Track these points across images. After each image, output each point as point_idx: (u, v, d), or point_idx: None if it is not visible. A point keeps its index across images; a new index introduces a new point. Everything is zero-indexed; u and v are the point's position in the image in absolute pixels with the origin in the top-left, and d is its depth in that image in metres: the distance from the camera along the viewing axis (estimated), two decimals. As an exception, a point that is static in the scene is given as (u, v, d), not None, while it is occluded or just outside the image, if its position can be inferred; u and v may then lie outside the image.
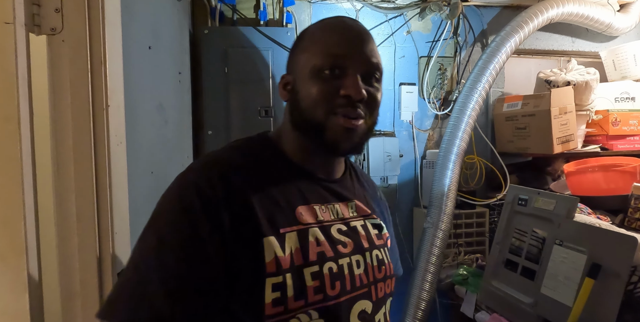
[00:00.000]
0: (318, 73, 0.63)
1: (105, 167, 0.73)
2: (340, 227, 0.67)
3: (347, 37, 0.64)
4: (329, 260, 0.62)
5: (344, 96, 0.62)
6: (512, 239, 1.35)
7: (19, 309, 0.62)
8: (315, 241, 0.62)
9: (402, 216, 2.09)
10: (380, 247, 0.72)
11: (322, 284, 0.60)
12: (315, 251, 0.61)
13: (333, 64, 0.62)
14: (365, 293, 0.66)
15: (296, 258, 0.59)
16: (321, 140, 0.63)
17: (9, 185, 0.61)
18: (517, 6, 2.12)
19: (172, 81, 1.34)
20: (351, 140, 0.64)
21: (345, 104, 0.62)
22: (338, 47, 0.63)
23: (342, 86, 0.62)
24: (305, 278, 0.59)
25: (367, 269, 0.67)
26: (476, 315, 1.46)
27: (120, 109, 0.79)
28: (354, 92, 0.61)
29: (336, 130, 0.63)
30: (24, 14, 0.63)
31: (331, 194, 0.70)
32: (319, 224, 0.64)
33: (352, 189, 0.75)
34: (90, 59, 0.71)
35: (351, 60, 0.63)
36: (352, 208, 0.72)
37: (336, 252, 0.64)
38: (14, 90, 0.61)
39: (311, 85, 0.63)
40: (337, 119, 0.62)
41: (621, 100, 2.05)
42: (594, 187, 1.68)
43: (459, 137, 1.76)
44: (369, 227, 0.73)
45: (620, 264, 1.04)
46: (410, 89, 2.03)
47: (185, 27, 1.60)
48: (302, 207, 0.64)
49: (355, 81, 0.62)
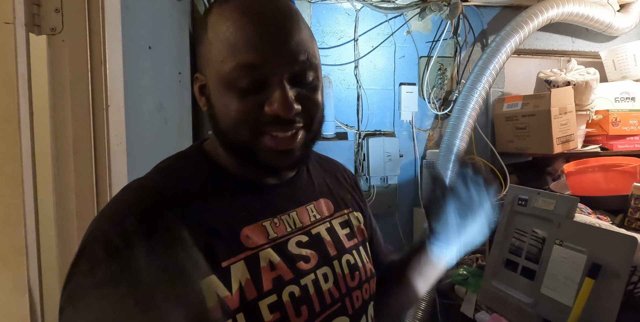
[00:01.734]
0: (232, 84, 0.49)
1: (105, 167, 0.73)
2: (300, 238, 0.58)
3: (261, 30, 0.48)
4: (288, 283, 0.53)
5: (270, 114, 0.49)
6: (512, 239, 1.35)
7: (19, 309, 0.62)
8: (268, 265, 0.52)
9: (402, 216, 2.09)
10: (352, 250, 0.64)
11: (283, 315, 0.51)
12: (269, 277, 0.52)
13: (250, 77, 0.48)
14: (339, 309, 0.57)
15: (248, 292, 0.49)
16: (253, 163, 0.53)
17: (9, 185, 0.61)
18: (517, 6, 2.12)
19: (172, 81, 1.34)
20: (290, 159, 0.53)
21: (273, 121, 0.49)
22: (251, 52, 0.48)
23: (267, 102, 0.49)
24: (262, 313, 0.50)
25: (338, 280, 0.58)
26: (476, 315, 1.46)
27: (120, 109, 0.79)
28: (283, 110, 0.48)
29: (268, 154, 0.51)
30: (24, 14, 0.63)
31: (285, 200, 0.60)
32: (272, 242, 0.54)
33: (311, 186, 0.65)
34: (90, 59, 0.71)
35: (272, 66, 0.48)
36: (312, 211, 0.62)
37: (296, 271, 0.54)
38: (14, 91, 0.61)
39: (226, 100, 0.50)
40: (266, 140, 0.51)
41: (621, 100, 2.05)
42: (594, 187, 1.68)
43: (459, 137, 1.76)
44: (337, 229, 0.64)
45: (620, 264, 1.04)
46: (410, 89, 2.03)
47: (185, 27, 1.60)
48: (248, 228, 0.53)
49: (282, 94, 0.48)
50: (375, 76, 2.05)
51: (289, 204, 0.60)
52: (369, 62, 2.03)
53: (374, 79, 2.04)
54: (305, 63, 0.50)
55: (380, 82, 2.05)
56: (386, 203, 2.05)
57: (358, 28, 2.01)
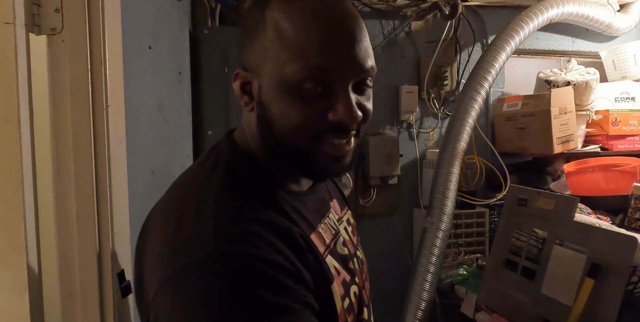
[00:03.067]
0: (295, 88, 0.47)
1: (105, 167, 0.73)
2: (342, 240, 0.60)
3: (333, 35, 0.46)
4: (351, 284, 0.55)
5: (333, 121, 0.48)
6: (512, 239, 1.35)
7: (19, 309, 0.62)
8: (335, 271, 0.53)
9: (402, 216, 2.09)
10: (358, 246, 0.66)
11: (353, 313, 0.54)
12: (339, 282, 0.52)
13: (317, 80, 0.46)
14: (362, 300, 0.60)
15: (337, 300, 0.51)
16: (308, 169, 0.52)
17: (9, 185, 0.61)
18: (517, 6, 2.11)
19: (172, 81, 1.34)
20: (342, 166, 0.52)
21: (335, 129, 0.49)
22: (322, 56, 0.46)
23: (331, 108, 0.47)
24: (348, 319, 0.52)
25: (356, 275, 0.60)
26: (476, 315, 1.46)
27: (120, 109, 0.79)
28: (349, 118, 0.47)
29: (325, 160, 0.51)
30: (24, 14, 0.63)
31: (320, 205, 0.60)
32: (328, 248, 0.55)
33: (326, 188, 0.67)
34: (90, 59, 0.71)
35: (341, 72, 0.47)
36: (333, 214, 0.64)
37: (350, 272, 0.56)
38: (14, 90, 0.61)
39: (287, 104, 0.48)
40: (325, 146, 0.50)
41: (621, 100, 2.04)
42: (594, 187, 1.68)
43: (459, 137, 1.76)
44: (347, 227, 0.66)
45: (620, 264, 1.04)
46: (410, 89, 2.03)
47: (185, 27, 1.60)
48: (313, 236, 0.53)
49: (348, 103, 0.47)
50: (376, 76, 2.03)
51: (323, 208, 0.61)
52: (369, 62, 2.02)
53: (374, 79, 2.03)
54: (369, 72, 0.51)
55: (380, 82, 2.05)
56: (386, 203, 2.05)
57: (358, 28, 2.00)
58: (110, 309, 0.71)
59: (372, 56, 0.51)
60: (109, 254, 0.73)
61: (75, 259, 0.71)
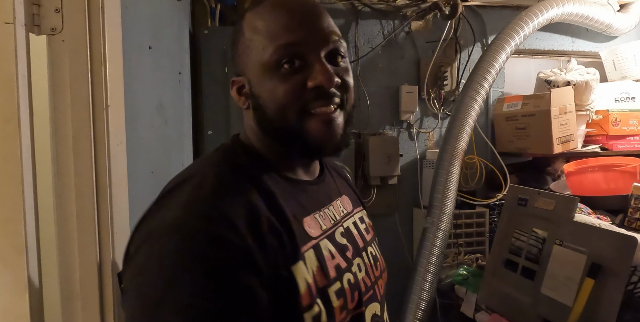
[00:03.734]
0: (275, 69, 0.53)
1: (105, 167, 0.73)
2: (341, 230, 0.62)
3: (295, 16, 0.54)
4: (345, 271, 0.57)
5: (313, 88, 0.53)
6: (512, 239, 1.35)
7: (19, 309, 0.62)
8: (329, 254, 0.56)
9: (402, 216, 2.09)
10: (371, 242, 0.69)
11: (345, 300, 0.54)
12: (332, 265, 0.55)
13: (290, 55, 0.53)
14: (372, 296, 0.62)
15: (319, 279, 0.52)
16: (302, 145, 0.56)
17: (9, 185, 0.61)
18: (517, 6, 2.12)
19: (172, 81, 1.34)
20: (334, 136, 0.56)
21: (317, 96, 0.53)
22: (289, 33, 0.53)
23: (309, 77, 0.53)
24: (331, 299, 0.52)
25: (367, 270, 0.63)
26: (476, 315, 1.46)
27: (120, 109, 0.79)
28: (326, 80, 0.52)
29: (316, 131, 0.54)
30: (24, 14, 0.63)
31: (322, 195, 0.64)
32: (325, 233, 0.58)
33: (335, 185, 0.70)
34: (90, 59, 0.71)
35: (309, 44, 0.53)
36: (340, 206, 0.67)
37: (347, 260, 0.58)
38: (14, 90, 0.61)
39: (272, 85, 0.54)
40: (313, 118, 0.54)
41: (621, 100, 2.04)
42: (594, 187, 1.68)
43: (459, 137, 1.76)
44: (358, 223, 0.68)
45: (620, 264, 1.04)
46: (410, 89, 2.03)
47: (185, 27, 1.60)
48: (307, 219, 0.56)
49: (322, 67, 0.53)
50: (376, 76, 2.04)
51: (326, 199, 0.64)
52: (369, 62, 2.03)
53: (374, 79, 2.04)
54: (337, 42, 0.56)
55: (380, 82, 2.05)
56: (386, 203, 2.05)
57: (358, 28, 2.01)
58: (110, 309, 0.71)
59: (338, 32, 0.57)
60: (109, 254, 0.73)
61: (75, 259, 0.71)
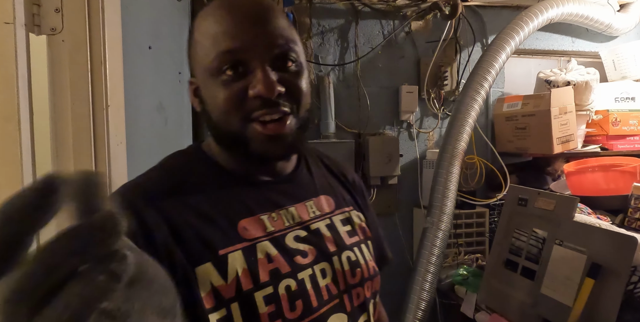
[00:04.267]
0: (217, 75, 0.51)
1: (105, 167, 0.73)
2: (299, 233, 0.58)
3: (238, 19, 0.51)
4: (285, 277, 0.53)
5: (255, 97, 0.50)
6: (512, 239, 1.35)
7: (19, 309, 0.62)
8: (265, 257, 0.53)
9: (402, 216, 2.09)
10: (353, 247, 0.63)
11: (278, 307, 0.51)
12: (266, 269, 0.52)
13: (231, 62, 0.50)
14: (337, 305, 0.57)
15: (244, 282, 0.50)
16: (246, 152, 0.54)
17: (9, 185, 0.61)
18: (517, 6, 2.12)
19: (172, 81, 1.34)
20: (281, 145, 0.54)
21: (260, 105, 0.51)
22: (230, 39, 0.50)
23: (250, 85, 0.50)
24: (257, 304, 0.50)
25: (337, 276, 0.58)
26: (476, 315, 1.46)
27: (120, 109, 0.79)
28: (265, 90, 0.49)
29: (259, 140, 0.52)
30: (24, 14, 0.63)
31: (283, 195, 0.60)
32: (269, 236, 0.55)
33: (311, 183, 0.65)
34: (90, 59, 0.71)
35: (252, 50, 0.50)
36: (312, 208, 0.62)
37: (293, 265, 0.54)
38: (14, 90, 0.61)
39: (214, 92, 0.52)
40: (254, 126, 0.52)
41: (621, 100, 2.05)
42: (594, 187, 1.68)
43: (459, 137, 1.76)
44: (337, 225, 0.63)
45: (620, 264, 1.04)
46: (410, 89, 2.03)
47: (185, 27, 1.60)
48: (246, 221, 0.54)
49: (264, 75, 0.50)
50: (375, 76, 2.05)
51: (288, 200, 0.60)
52: (369, 62, 2.03)
53: (374, 79, 2.04)
54: (284, 46, 0.52)
55: (380, 82, 2.05)
56: (386, 203, 2.05)
57: (358, 28, 2.01)
58: (110, 309, 0.71)
59: (290, 33, 0.54)
60: (109, 254, 0.73)
61: (75, 259, 0.70)
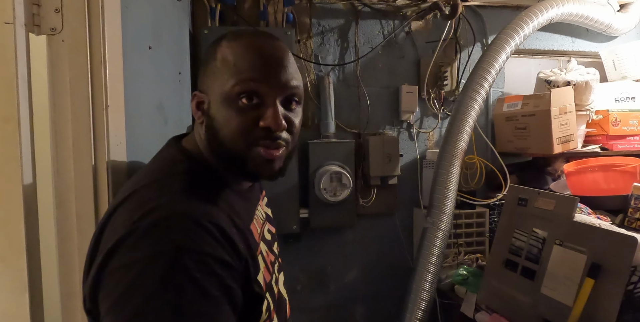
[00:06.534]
0: (234, 101, 0.59)
1: (105, 168, 0.73)
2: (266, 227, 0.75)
3: (263, 60, 0.60)
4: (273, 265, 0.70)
5: (263, 128, 0.59)
6: (512, 239, 1.35)
7: (19, 309, 0.62)
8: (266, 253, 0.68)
9: (402, 216, 2.09)
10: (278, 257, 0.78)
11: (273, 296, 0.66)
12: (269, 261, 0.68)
13: (250, 92, 0.59)
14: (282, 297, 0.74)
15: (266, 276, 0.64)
16: (243, 170, 0.63)
17: (9, 185, 0.61)
18: (517, 6, 2.12)
19: (172, 81, 1.34)
20: (272, 169, 0.63)
21: (265, 136, 0.60)
22: (253, 71, 0.59)
23: (262, 117, 0.59)
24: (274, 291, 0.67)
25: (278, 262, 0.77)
26: (476, 315, 1.46)
27: (120, 109, 0.79)
28: (274, 125, 0.59)
29: (257, 161, 0.61)
30: (24, 14, 0.63)
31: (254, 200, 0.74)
32: (260, 235, 0.68)
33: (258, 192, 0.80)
34: (90, 59, 0.71)
35: (269, 87, 0.59)
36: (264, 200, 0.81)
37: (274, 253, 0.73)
38: (14, 90, 0.61)
39: (228, 114, 0.60)
40: (257, 150, 0.61)
41: (621, 100, 2.04)
42: (594, 187, 1.68)
43: (459, 137, 1.76)
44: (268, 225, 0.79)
45: (620, 264, 1.04)
46: (410, 89, 2.03)
47: (185, 27, 1.61)
48: (251, 227, 0.65)
49: (274, 112, 0.59)
50: (375, 76, 2.04)
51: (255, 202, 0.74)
52: (369, 62, 2.03)
53: (374, 79, 2.04)
54: (294, 89, 0.62)
55: (380, 82, 2.05)
56: (386, 203, 2.05)
57: (358, 28, 2.01)
58: (110, 309, 0.71)
59: (299, 79, 0.64)
60: (109, 254, 0.73)
61: (75, 259, 0.71)
